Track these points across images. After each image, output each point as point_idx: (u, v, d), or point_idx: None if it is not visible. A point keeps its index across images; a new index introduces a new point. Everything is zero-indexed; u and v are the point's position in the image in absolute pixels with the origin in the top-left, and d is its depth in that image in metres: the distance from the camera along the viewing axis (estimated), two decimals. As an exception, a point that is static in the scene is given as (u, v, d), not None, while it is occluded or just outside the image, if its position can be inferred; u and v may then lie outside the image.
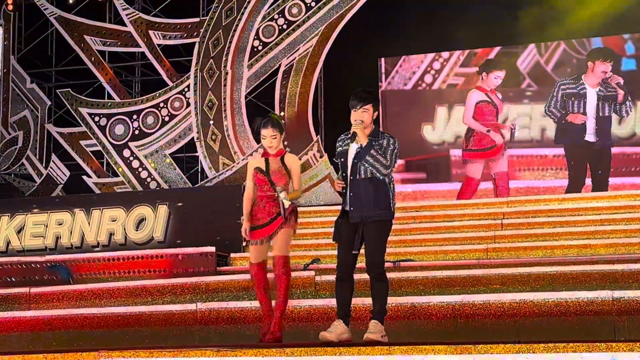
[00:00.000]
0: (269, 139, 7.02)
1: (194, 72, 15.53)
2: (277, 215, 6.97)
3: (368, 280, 6.81)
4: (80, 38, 16.23)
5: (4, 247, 12.61)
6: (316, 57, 15.05)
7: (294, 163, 7.13)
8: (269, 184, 6.98)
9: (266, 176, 6.97)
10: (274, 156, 7.07)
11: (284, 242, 6.99)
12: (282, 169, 7.01)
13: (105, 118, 16.00)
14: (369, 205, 6.37)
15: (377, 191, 6.37)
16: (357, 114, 6.46)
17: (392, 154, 6.41)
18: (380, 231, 6.52)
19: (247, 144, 15.15)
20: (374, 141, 6.38)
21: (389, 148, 6.40)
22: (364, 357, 5.70)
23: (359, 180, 6.39)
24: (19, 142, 16.55)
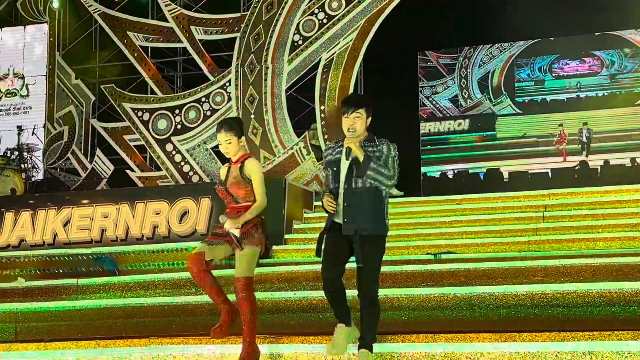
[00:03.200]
0: (224, 144, 6.14)
1: (235, 67, 15.67)
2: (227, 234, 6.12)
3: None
4: (123, 34, 16.47)
5: (51, 240, 12.82)
6: (356, 51, 15.09)
7: (252, 168, 6.14)
8: (229, 196, 6.16)
9: (224, 187, 6.15)
10: (234, 163, 6.18)
11: (244, 262, 6.04)
12: (239, 178, 6.10)
13: (148, 113, 16.23)
14: (365, 218, 5.72)
15: (374, 203, 5.76)
16: (349, 121, 5.83)
17: (393, 162, 5.83)
18: (376, 249, 5.81)
19: (287, 137, 15.27)
20: (371, 149, 5.80)
21: (390, 156, 5.83)
22: (410, 344, 5.79)
23: (355, 191, 5.75)
24: (65, 137, 16.86)
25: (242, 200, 6.08)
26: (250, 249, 6.04)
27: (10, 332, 8.40)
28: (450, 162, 15.73)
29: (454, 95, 15.96)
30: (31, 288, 9.79)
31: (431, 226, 11.89)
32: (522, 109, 15.55)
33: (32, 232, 12.82)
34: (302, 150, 14.83)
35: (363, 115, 5.88)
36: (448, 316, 7.41)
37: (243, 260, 6.03)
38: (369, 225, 5.70)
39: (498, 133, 15.53)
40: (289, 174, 14.34)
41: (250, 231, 6.03)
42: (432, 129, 15.96)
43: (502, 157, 15.46)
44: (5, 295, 9.71)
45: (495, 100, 15.68)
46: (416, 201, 13.34)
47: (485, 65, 15.90)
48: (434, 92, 16.09)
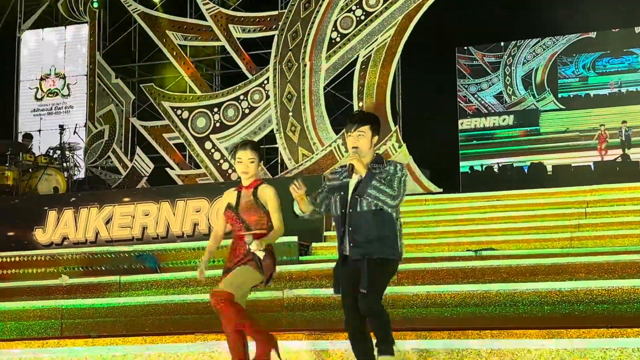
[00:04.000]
0: (246, 163, 5.74)
1: (273, 65, 15.73)
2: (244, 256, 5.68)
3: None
4: (162, 33, 16.61)
5: (93, 238, 12.96)
6: (394, 47, 15.07)
7: (268, 195, 5.73)
8: (240, 222, 5.72)
9: (234, 212, 5.73)
10: (246, 188, 5.77)
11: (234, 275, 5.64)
12: (253, 203, 5.71)
13: (187, 111, 16.35)
14: (373, 242, 5.30)
15: (383, 227, 5.33)
16: (352, 139, 5.42)
17: (399, 183, 5.34)
18: (383, 272, 5.35)
19: (326, 135, 15.29)
20: (376, 169, 5.38)
21: (396, 175, 5.34)
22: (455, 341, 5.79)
23: (360, 213, 5.34)
24: (105, 136, 17.05)
25: (254, 227, 5.67)
26: (246, 268, 5.61)
27: (56, 328, 8.52)
28: (496, 156, 15.87)
29: (499, 92, 16.14)
30: (75, 285, 9.91)
31: (471, 223, 11.82)
32: (565, 104, 15.65)
33: (74, 230, 12.97)
34: (340, 148, 14.85)
35: (367, 133, 5.42)
36: (491, 313, 7.39)
37: (235, 273, 5.60)
38: (376, 248, 5.28)
39: (541, 128, 15.72)
40: (328, 171, 14.34)
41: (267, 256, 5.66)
42: (477, 125, 16.10)
43: (545, 151, 15.61)
44: (49, 292, 9.85)
45: (538, 96, 15.81)
46: (456, 197, 13.28)
47: (529, 63, 16.01)
48: (479, 89, 16.20)
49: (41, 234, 13.10)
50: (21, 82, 17.92)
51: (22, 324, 8.49)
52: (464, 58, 16.20)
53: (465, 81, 16.18)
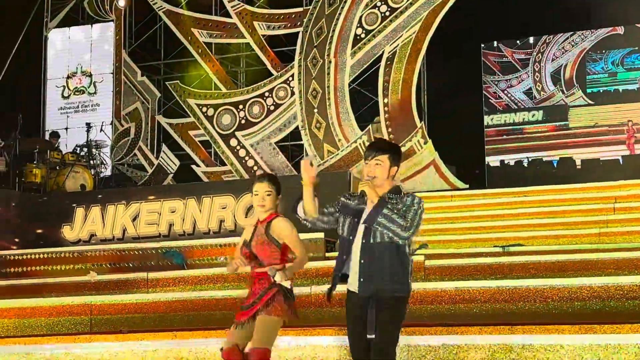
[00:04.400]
0: (262, 195, 5.50)
1: (297, 62, 15.74)
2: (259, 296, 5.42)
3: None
4: (187, 31, 16.66)
5: (120, 234, 13.03)
6: (419, 43, 15.02)
7: (282, 228, 5.44)
8: (253, 259, 5.48)
9: (248, 249, 5.47)
10: (261, 223, 5.52)
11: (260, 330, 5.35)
12: (264, 238, 5.44)
13: (212, 108, 16.40)
14: (384, 277, 4.96)
15: (395, 260, 4.98)
16: (369, 168, 5.11)
17: (415, 215, 4.98)
18: (395, 316, 5.00)
19: (351, 131, 15.28)
20: (392, 199, 5.06)
21: (412, 207, 5.00)
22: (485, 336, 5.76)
23: (373, 245, 4.99)
24: (131, 134, 17.14)
25: (267, 262, 5.40)
26: (266, 318, 5.33)
27: (86, 324, 8.57)
28: (525, 151, 15.93)
29: (528, 88, 16.20)
30: (103, 281, 9.97)
31: (498, 219, 11.79)
32: (593, 99, 15.66)
33: (102, 226, 13.05)
34: (365, 144, 14.83)
35: (385, 162, 5.09)
36: (521, 309, 7.34)
37: (262, 328, 5.32)
38: (389, 285, 4.94)
39: (570, 123, 15.78)
40: (353, 167, 14.34)
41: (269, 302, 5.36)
42: (507, 120, 16.13)
43: (574, 146, 15.62)
44: (78, 288, 9.92)
45: (567, 92, 15.82)
46: (482, 194, 13.24)
47: (558, 59, 16.06)
48: (509, 85, 16.26)
49: (69, 231, 13.19)
50: (48, 81, 18.06)
51: (52, 320, 8.54)
52: (494, 55, 16.22)
53: (495, 77, 16.23)
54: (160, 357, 6.54)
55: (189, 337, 6.58)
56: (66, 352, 6.97)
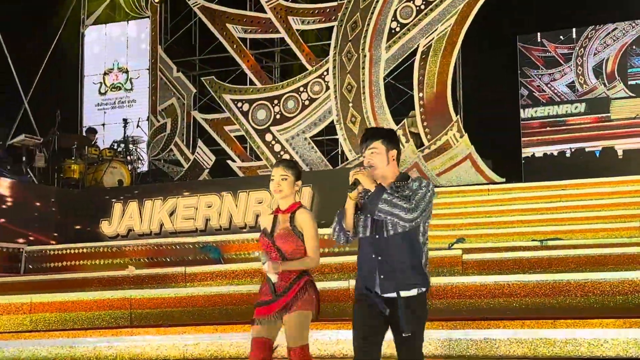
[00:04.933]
0: (277, 180, 5.19)
1: (332, 56, 15.73)
2: (286, 290, 5.12)
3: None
4: (222, 26, 16.72)
5: (157, 229, 13.13)
6: (455, 36, 14.94)
7: (304, 220, 5.16)
8: (275, 251, 5.15)
9: (270, 240, 5.15)
10: (283, 212, 5.22)
11: (296, 328, 5.09)
12: (290, 230, 5.15)
13: (247, 104, 16.45)
14: (405, 271, 4.58)
15: (413, 251, 4.62)
16: (366, 159, 4.74)
17: (421, 197, 4.59)
18: (420, 312, 4.65)
19: (386, 125, 15.23)
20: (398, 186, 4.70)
21: (419, 191, 4.63)
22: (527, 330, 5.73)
23: (388, 239, 4.61)
24: (167, 129, 17.26)
25: (291, 256, 5.11)
26: (299, 313, 5.06)
27: (126, 318, 8.64)
28: (568, 142, 15.93)
29: (571, 82, 16.15)
30: (142, 276, 10.04)
31: (535, 212, 11.71)
32: (635, 92, 15.62)
33: (139, 221, 13.16)
34: (400, 138, 14.79)
35: (380, 148, 4.71)
36: (561, 303, 7.29)
37: (293, 327, 5.06)
38: (411, 281, 4.58)
39: (612, 115, 15.71)
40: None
41: (299, 294, 5.07)
42: (550, 112, 16.17)
43: (616, 137, 15.58)
44: (117, 282, 10.00)
45: (609, 84, 15.76)
46: (519, 187, 13.15)
47: (600, 53, 15.99)
48: (552, 79, 16.22)
49: (107, 226, 13.32)
50: (85, 77, 18.24)
51: (93, 314, 8.63)
52: (538, 50, 16.24)
53: (538, 71, 16.21)
54: (201, 351, 6.59)
55: (229, 330, 6.61)
56: (109, 345, 7.05)
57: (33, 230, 12.80)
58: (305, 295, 5.04)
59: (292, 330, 5.03)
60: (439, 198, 13.15)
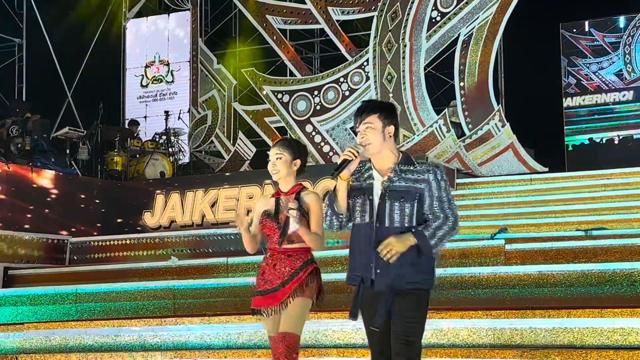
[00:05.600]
0: (272, 160, 4.96)
1: (372, 46, 15.67)
2: (292, 276, 4.82)
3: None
4: (262, 18, 16.74)
5: (199, 221, 13.23)
6: (496, 25, 14.79)
7: (312, 201, 4.85)
8: (280, 234, 4.87)
9: (275, 222, 4.87)
10: (286, 194, 4.92)
11: (293, 314, 4.79)
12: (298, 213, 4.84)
13: (287, 95, 16.47)
14: (405, 267, 4.13)
15: (419, 247, 4.16)
16: (359, 135, 4.31)
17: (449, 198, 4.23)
18: (420, 307, 4.23)
19: (427, 115, 15.16)
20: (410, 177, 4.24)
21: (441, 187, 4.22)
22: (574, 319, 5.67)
23: (390, 229, 4.20)
24: (208, 121, 17.35)
25: (297, 239, 4.81)
26: (302, 300, 4.77)
27: (169, 308, 8.73)
28: (615, 130, 15.77)
29: (619, 70, 15.94)
30: (184, 267, 10.12)
31: (579, 202, 11.57)
32: None
33: (181, 213, 13.26)
34: (441, 128, 14.69)
35: (376, 123, 4.25)
36: (607, 292, 7.20)
37: (294, 314, 4.76)
38: (412, 278, 4.14)
39: None
40: (429, 152, 14.24)
41: (305, 282, 4.79)
42: (598, 100, 16.03)
43: None
44: (160, 273, 10.09)
45: None
46: (562, 177, 13.02)
47: None
48: (600, 67, 16.05)
49: (149, 217, 13.45)
50: (127, 70, 18.39)
51: (137, 304, 8.72)
52: (587, 39, 16.06)
53: (586, 60, 16.05)
54: (244, 340, 6.62)
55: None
56: (153, 334, 7.11)
57: (77, 222, 12.96)
58: (311, 283, 4.80)
59: (291, 316, 4.76)
60: (481, 188, 13.08)
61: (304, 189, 4.89)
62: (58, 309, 8.85)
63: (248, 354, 6.33)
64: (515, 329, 5.78)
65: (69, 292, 8.91)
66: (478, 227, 10.99)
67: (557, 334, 5.73)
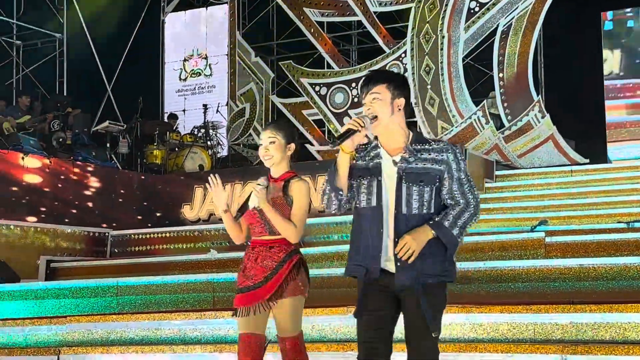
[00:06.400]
0: (265, 145, 4.59)
1: (410, 38, 15.59)
2: (275, 270, 4.45)
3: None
4: (299, 10, 16.74)
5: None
6: (536, 15, 14.62)
7: (300, 190, 4.51)
8: (263, 224, 4.53)
9: (257, 210, 4.54)
10: (275, 181, 4.58)
11: (288, 317, 4.48)
12: (282, 200, 4.50)
13: (325, 87, 16.45)
14: (426, 258, 3.76)
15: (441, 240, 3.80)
16: (365, 107, 3.92)
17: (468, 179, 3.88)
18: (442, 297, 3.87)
19: (465, 107, 15.05)
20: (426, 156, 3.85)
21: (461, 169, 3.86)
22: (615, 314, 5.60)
23: (408, 217, 3.79)
24: (246, 114, 17.41)
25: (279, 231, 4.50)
26: (292, 299, 4.44)
27: (209, 301, 8.78)
28: None
29: None
30: (223, 260, 10.17)
31: (621, 193, 11.46)
32: None
33: (220, 206, 13.32)
34: (480, 120, 14.59)
35: (385, 95, 3.84)
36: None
37: (287, 316, 4.47)
38: (431, 268, 3.76)
39: None
40: (468, 144, 14.15)
41: (290, 276, 4.44)
42: None
43: None
44: (200, 266, 10.17)
45: None
46: (603, 168, 12.89)
47: None
48: None
49: (189, 211, 13.53)
50: (166, 64, 18.51)
51: (177, 297, 8.79)
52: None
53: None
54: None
55: (311, 314, 6.65)
56: (193, 328, 7.17)
57: (117, 215, 13.10)
58: (298, 277, 4.46)
59: (286, 320, 4.46)
60: (521, 180, 12.98)
61: (295, 177, 4.58)
62: (99, 302, 8.96)
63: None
64: (556, 323, 5.72)
65: (110, 284, 9.02)
66: (518, 219, 10.93)
67: (598, 328, 5.67)
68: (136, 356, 6.77)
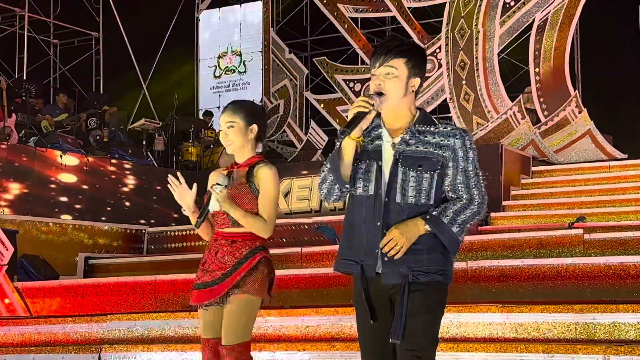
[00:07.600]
0: (224, 130, 4.21)
1: (445, 33, 15.50)
2: (235, 267, 4.05)
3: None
4: (333, 7, 16.72)
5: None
6: (573, 8, 14.47)
7: (266, 177, 4.11)
8: (224, 214, 4.14)
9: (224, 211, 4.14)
10: (239, 167, 4.22)
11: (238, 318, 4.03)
12: (246, 188, 4.11)
13: (359, 83, 16.43)
14: (421, 253, 3.31)
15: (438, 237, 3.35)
16: (376, 80, 3.41)
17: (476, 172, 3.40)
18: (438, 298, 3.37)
19: (501, 102, 14.95)
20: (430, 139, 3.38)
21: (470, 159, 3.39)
22: None
23: (402, 207, 3.33)
24: (280, 110, 17.44)
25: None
26: (246, 299, 4.01)
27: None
28: None
29: None
30: (265, 257, 10.16)
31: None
32: None
33: (255, 202, 13.35)
34: (516, 115, 14.48)
35: (402, 71, 3.36)
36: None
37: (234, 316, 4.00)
38: (424, 264, 3.30)
39: None
40: (504, 139, 14.05)
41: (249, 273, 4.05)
42: None
43: None
44: (236, 263, 10.16)
45: None
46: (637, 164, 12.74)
47: None
48: None
49: (222, 208, 13.55)
50: (201, 61, 18.60)
51: (214, 294, 8.80)
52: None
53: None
54: (323, 333, 6.62)
55: (349, 313, 6.61)
56: (232, 326, 7.16)
57: (154, 212, 13.19)
58: (257, 275, 4.05)
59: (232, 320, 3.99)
60: (558, 175, 12.86)
61: (260, 162, 4.18)
62: (138, 299, 9.02)
63: (326, 346, 6.34)
64: (598, 323, 5.65)
65: (148, 281, 9.07)
66: (555, 215, 10.85)
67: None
68: (177, 354, 6.80)
